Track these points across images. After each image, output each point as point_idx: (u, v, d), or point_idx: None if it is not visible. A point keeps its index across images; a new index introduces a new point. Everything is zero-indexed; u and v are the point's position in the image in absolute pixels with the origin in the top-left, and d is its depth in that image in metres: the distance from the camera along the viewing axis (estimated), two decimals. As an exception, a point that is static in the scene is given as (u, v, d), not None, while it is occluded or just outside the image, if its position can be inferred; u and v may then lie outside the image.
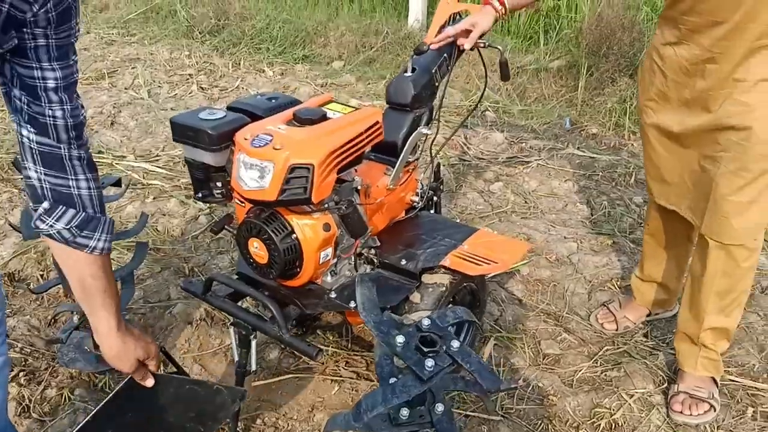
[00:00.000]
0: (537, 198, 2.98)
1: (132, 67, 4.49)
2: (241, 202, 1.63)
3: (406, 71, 1.87)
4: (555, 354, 2.06)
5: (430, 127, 1.90)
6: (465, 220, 2.77)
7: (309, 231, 1.57)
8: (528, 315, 2.23)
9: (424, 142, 1.94)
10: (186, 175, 2.97)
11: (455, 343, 1.09)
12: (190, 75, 4.38)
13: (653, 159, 1.83)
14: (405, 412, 1.07)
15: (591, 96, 3.91)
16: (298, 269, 1.60)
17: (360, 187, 1.71)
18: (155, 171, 3.13)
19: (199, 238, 2.61)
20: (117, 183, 1.91)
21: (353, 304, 1.59)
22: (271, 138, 1.48)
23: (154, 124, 3.64)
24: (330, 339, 2.08)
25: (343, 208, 1.60)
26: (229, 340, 1.92)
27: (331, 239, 1.62)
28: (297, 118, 1.57)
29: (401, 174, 1.85)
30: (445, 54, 1.91)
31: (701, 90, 1.61)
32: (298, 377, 1.93)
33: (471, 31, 1.83)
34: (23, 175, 1.15)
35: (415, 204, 1.96)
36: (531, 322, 2.20)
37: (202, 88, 4.21)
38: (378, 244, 1.79)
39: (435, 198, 2.11)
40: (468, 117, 2.43)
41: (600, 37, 3.99)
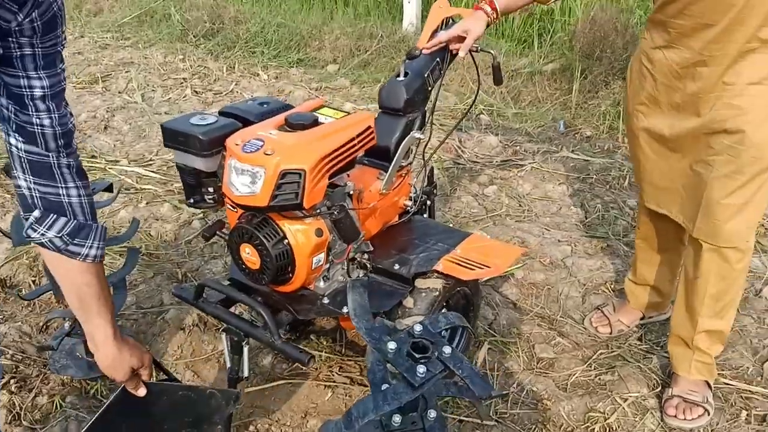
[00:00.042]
0: (531, 201, 2.98)
1: (126, 71, 4.48)
2: (233, 207, 1.63)
3: (398, 76, 1.86)
4: (549, 358, 2.06)
5: (422, 132, 1.90)
6: (459, 223, 2.77)
7: (301, 236, 1.56)
8: (522, 319, 2.23)
9: (417, 146, 1.93)
10: (179, 180, 2.97)
11: (447, 349, 1.08)
12: (184, 79, 4.37)
13: (643, 163, 1.83)
14: (397, 418, 1.07)
15: (585, 99, 3.92)
16: (290, 275, 1.59)
17: (352, 192, 1.70)
18: (148, 175, 3.12)
19: (193, 242, 2.60)
20: (108, 188, 1.90)
21: (346, 309, 1.58)
22: (263, 143, 1.48)
23: (147, 128, 3.63)
24: (323, 344, 2.07)
25: (336, 213, 1.60)
26: (222, 346, 1.91)
27: (324, 244, 1.61)
28: (288, 123, 1.56)
29: (394, 178, 1.84)
30: (438, 58, 1.91)
31: (691, 93, 1.61)
32: (291, 383, 1.93)
33: (463, 37, 1.84)
34: (14, 184, 1.15)
35: (409, 208, 1.95)
36: (525, 325, 2.20)
37: (196, 92, 4.20)
38: (371, 248, 1.78)
39: (429, 202, 2.10)
40: (461, 120, 2.43)
41: (593, 41, 4.01)
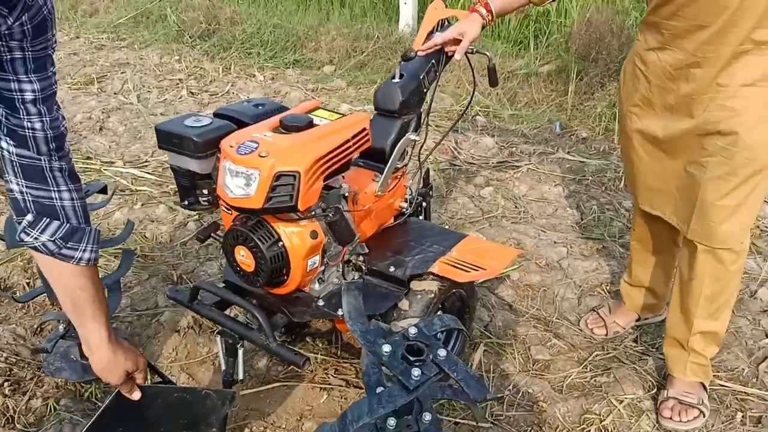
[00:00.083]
0: (527, 203, 2.98)
1: (121, 72, 4.47)
2: (228, 209, 1.62)
3: (394, 77, 1.86)
4: (545, 360, 2.06)
5: (418, 133, 1.89)
6: (455, 224, 2.77)
7: (296, 238, 1.56)
8: (518, 320, 2.23)
9: (412, 148, 1.93)
10: (174, 182, 2.96)
11: (442, 352, 1.08)
12: (180, 80, 4.36)
13: (637, 165, 1.83)
14: (392, 421, 1.06)
15: (581, 100, 3.92)
16: (285, 277, 1.59)
17: (347, 194, 1.70)
18: (144, 177, 3.11)
19: (188, 244, 2.59)
20: (103, 190, 1.90)
21: (341, 311, 1.57)
22: (257, 145, 1.47)
23: (143, 129, 3.62)
24: (319, 346, 2.06)
25: (331, 215, 1.59)
26: (217, 348, 1.90)
27: (319, 247, 1.61)
28: (283, 125, 1.56)
29: (389, 180, 1.84)
30: (433, 60, 1.91)
31: (685, 95, 1.61)
32: (286, 385, 1.92)
33: (459, 40, 1.84)
34: (6, 188, 1.14)
35: (404, 210, 1.95)
36: (521, 327, 2.19)
37: (192, 93, 4.20)
38: (366, 251, 1.78)
39: (424, 204, 2.10)
40: (457, 122, 2.43)
41: (589, 42, 4.01)
